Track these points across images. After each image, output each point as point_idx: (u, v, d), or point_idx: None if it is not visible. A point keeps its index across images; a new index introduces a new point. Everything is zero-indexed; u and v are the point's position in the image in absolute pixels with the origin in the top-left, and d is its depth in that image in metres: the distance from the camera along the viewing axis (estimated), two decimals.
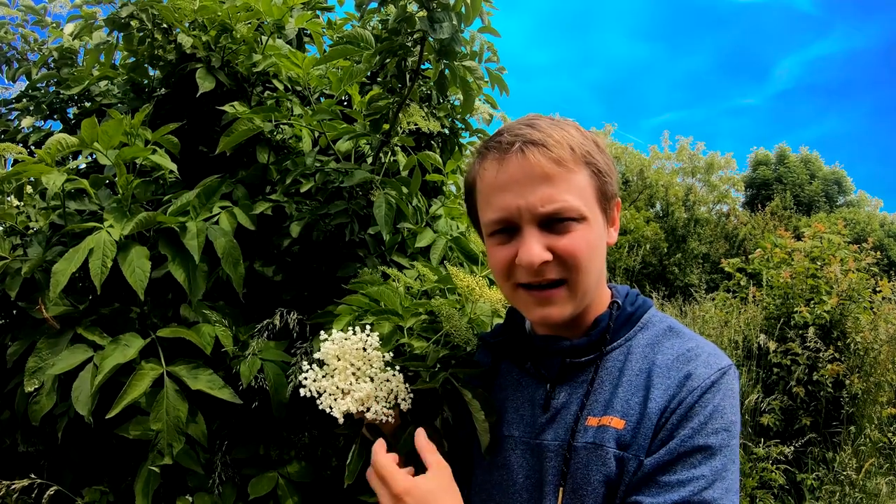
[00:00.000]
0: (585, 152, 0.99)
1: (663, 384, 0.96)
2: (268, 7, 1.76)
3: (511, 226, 1.00)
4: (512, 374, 1.15)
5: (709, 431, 0.91)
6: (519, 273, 1.00)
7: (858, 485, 4.22)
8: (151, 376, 1.33)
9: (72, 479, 1.55)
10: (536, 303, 1.01)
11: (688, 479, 0.89)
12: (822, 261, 5.18)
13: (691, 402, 0.93)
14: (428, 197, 2.07)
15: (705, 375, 0.95)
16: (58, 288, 1.30)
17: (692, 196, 20.67)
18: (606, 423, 0.97)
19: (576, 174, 0.98)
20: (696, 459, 0.90)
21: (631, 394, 0.98)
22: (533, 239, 0.96)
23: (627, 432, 0.95)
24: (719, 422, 0.92)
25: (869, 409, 4.65)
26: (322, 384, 1.09)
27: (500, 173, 0.99)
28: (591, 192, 1.00)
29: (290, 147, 1.85)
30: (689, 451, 0.90)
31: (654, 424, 0.93)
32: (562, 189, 0.96)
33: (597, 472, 0.95)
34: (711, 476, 0.89)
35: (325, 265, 1.70)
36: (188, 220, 1.47)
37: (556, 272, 0.98)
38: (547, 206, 0.96)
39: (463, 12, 1.48)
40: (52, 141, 1.41)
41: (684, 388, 0.94)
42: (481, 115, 2.33)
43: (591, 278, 1.01)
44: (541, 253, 0.96)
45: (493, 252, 1.04)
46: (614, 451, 0.95)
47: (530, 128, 0.99)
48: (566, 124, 1.03)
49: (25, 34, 2.30)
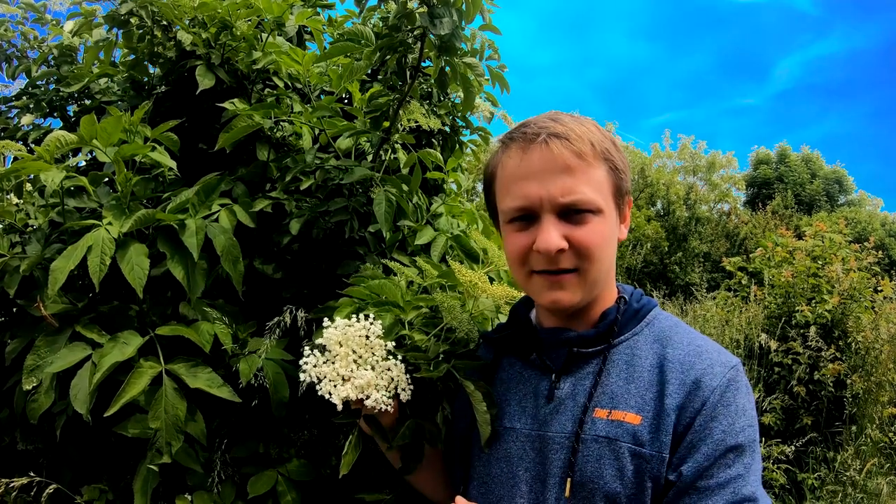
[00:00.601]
0: (605, 149, 1.04)
1: (677, 379, 0.98)
2: (268, 4, 1.75)
3: (530, 213, 1.04)
4: (514, 367, 1.17)
5: (737, 430, 0.94)
6: (534, 260, 1.04)
7: (859, 485, 4.22)
8: (150, 374, 1.32)
9: (71, 477, 1.55)
10: (548, 286, 1.04)
11: (726, 480, 0.92)
12: (823, 260, 5.18)
13: (714, 402, 0.95)
14: (428, 194, 2.07)
15: (721, 374, 0.98)
16: (56, 286, 1.29)
17: (693, 195, 20.64)
18: (620, 417, 0.99)
19: (595, 169, 1.02)
20: (729, 459, 0.93)
21: (645, 389, 1.00)
22: (551, 227, 1.00)
23: (644, 428, 0.97)
24: (744, 419, 0.96)
25: (870, 409, 4.64)
26: (322, 370, 1.09)
27: (524, 162, 1.03)
28: (607, 188, 1.04)
29: (290, 144, 1.85)
30: (723, 452, 0.93)
31: (673, 421, 0.96)
32: (581, 181, 1.00)
33: (609, 467, 0.97)
34: (745, 472, 0.93)
35: (326, 263, 1.69)
36: (187, 218, 1.46)
37: (570, 261, 1.01)
38: (567, 197, 1.00)
39: (464, 9, 1.48)
40: (52, 138, 1.40)
41: (703, 387, 0.97)
42: (482, 113, 2.33)
43: (602, 269, 1.04)
44: (558, 241, 0.99)
45: (510, 238, 1.08)
46: (629, 447, 0.97)
47: (554, 122, 1.04)
48: (587, 121, 1.07)
49: (25, 31, 2.29)
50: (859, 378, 4.64)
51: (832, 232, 5.49)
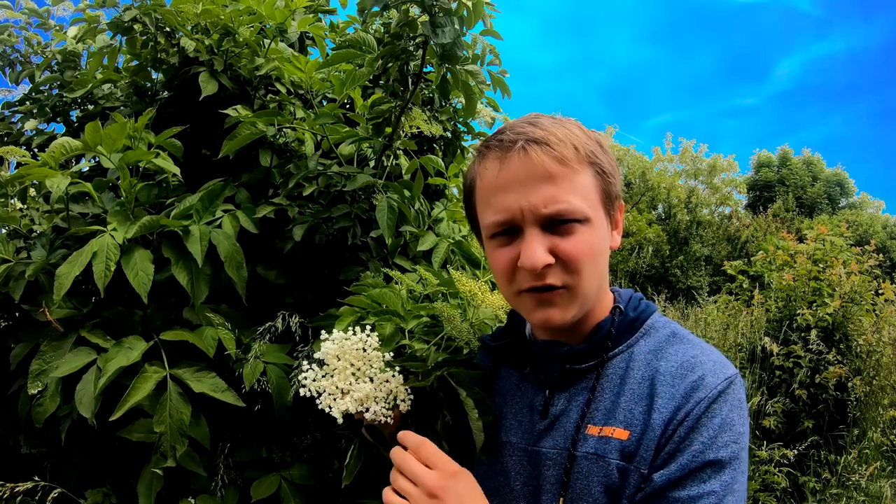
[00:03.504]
0: (589, 152, 0.96)
1: (667, 393, 0.93)
2: (270, 11, 1.76)
3: (512, 227, 0.97)
4: (512, 378, 1.14)
5: (718, 445, 0.88)
6: (521, 277, 0.97)
7: (862, 488, 4.22)
8: (155, 379, 1.33)
9: (75, 481, 1.56)
10: (538, 304, 0.97)
11: (698, 494, 0.86)
12: (824, 263, 5.17)
13: (698, 414, 0.90)
14: (430, 200, 2.08)
15: (712, 385, 0.92)
16: (61, 291, 1.30)
17: (694, 198, 20.64)
18: (609, 433, 0.94)
19: (580, 174, 0.95)
20: (706, 474, 0.87)
21: (634, 403, 0.95)
22: (535, 241, 0.93)
23: (631, 443, 0.92)
24: (728, 434, 0.89)
25: (871, 412, 4.64)
26: (322, 384, 1.09)
27: (502, 172, 0.96)
28: (594, 193, 0.97)
29: (293, 150, 1.86)
30: (700, 466, 0.88)
31: (657, 436, 0.91)
32: (565, 189, 0.93)
33: (597, 483, 0.93)
34: (722, 491, 0.87)
35: (328, 268, 1.70)
36: (191, 224, 1.48)
37: (558, 277, 0.95)
38: (550, 207, 0.93)
39: (465, 16, 1.48)
40: (56, 144, 1.41)
41: (691, 399, 0.91)
42: (483, 119, 2.34)
43: (592, 282, 0.98)
44: (543, 256, 0.93)
45: (493, 255, 1.01)
46: (617, 463, 0.92)
47: (532, 126, 0.96)
48: (569, 123, 0.99)
49: (29, 37, 2.31)
50: (861, 381, 4.63)
51: (833, 235, 5.47)
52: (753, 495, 4.10)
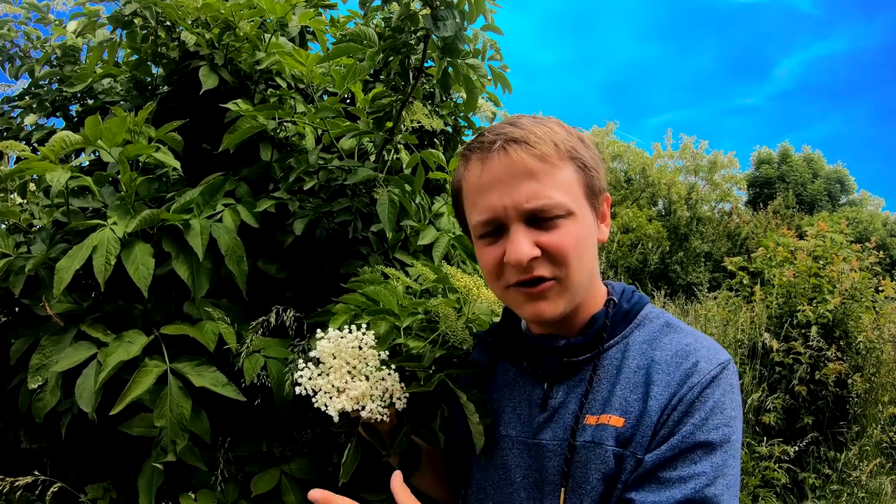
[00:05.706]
0: (570, 147, 0.99)
1: (663, 381, 0.95)
2: (271, 5, 1.76)
3: (498, 225, 0.99)
4: (509, 373, 1.15)
5: (710, 427, 0.90)
6: (508, 273, 0.99)
7: (862, 484, 4.22)
8: (155, 373, 1.33)
9: (75, 475, 1.56)
10: (527, 299, 0.99)
11: (689, 475, 0.88)
12: (824, 260, 5.17)
13: (691, 399, 0.92)
14: (431, 195, 2.08)
15: (705, 371, 0.94)
16: (62, 285, 1.30)
17: (695, 195, 20.65)
18: (605, 421, 0.96)
19: (560, 169, 0.97)
20: (696, 455, 0.89)
21: (629, 391, 0.97)
22: (520, 236, 0.96)
23: (627, 430, 0.94)
24: (720, 417, 0.91)
25: (871, 409, 4.64)
26: (317, 382, 1.09)
27: (484, 173, 0.99)
28: (577, 188, 0.99)
29: (294, 145, 1.85)
30: (690, 447, 0.89)
31: (654, 422, 0.93)
32: (547, 185, 0.96)
33: (595, 471, 0.94)
34: (713, 472, 0.88)
35: (329, 263, 1.70)
36: (192, 218, 1.47)
37: (546, 269, 0.97)
38: (532, 202, 0.95)
39: (466, 10, 1.48)
40: (56, 138, 1.41)
41: (685, 385, 0.93)
42: (484, 113, 2.33)
43: (581, 274, 1.00)
44: (529, 250, 0.95)
45: (482, 253, 1.04)
46: (613, 449, 0.94)
47: (512, 126, 0.99)
48: (549, 121, 1.02)
49: (28, 31, 2.30)
50: (861, 378, 4.64)
51: (833, 232, 5.48)
52: (754, 491, 4.10)
